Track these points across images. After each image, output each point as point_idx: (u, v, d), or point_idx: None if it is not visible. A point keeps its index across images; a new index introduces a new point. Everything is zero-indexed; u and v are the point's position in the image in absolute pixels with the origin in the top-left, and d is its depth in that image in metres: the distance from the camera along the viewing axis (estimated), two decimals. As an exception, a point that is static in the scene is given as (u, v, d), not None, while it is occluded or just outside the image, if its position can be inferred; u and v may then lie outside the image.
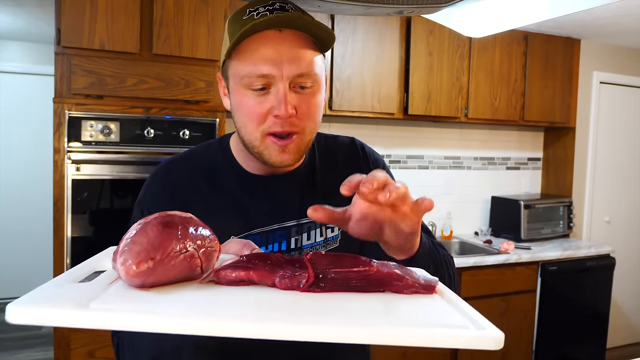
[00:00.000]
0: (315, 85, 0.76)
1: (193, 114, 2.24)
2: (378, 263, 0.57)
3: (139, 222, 0.53)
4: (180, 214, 0.55)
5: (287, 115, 0.72)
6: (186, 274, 0.52)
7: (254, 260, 0.55)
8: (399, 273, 0.56)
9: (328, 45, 0.77)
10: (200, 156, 0.88)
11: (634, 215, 3.86)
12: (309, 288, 0.53)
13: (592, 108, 3.59)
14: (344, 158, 0.92)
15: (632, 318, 3.83)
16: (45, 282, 0.49)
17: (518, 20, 0.93)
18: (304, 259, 0.56)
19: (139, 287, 0.49)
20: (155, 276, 0.49)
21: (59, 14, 2.03)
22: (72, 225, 2.07)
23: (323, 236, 0.85)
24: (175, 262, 0.50)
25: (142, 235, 0.50)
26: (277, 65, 0.71)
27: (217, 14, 2.27)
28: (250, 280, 0.54)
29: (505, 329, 2.44)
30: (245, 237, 0.81)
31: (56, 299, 0.44)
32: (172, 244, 0.50)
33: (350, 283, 0.54)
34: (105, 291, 0.48)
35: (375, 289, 0.55)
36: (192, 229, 0.53)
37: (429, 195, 0.60)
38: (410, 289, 0.55)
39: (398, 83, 2.82)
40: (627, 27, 3.13)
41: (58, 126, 2.04)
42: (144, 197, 0.85)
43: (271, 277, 0.53)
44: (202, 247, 0.53)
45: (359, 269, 0.55)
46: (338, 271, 0.54)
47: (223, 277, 0.53)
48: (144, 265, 0.48)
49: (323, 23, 0.74)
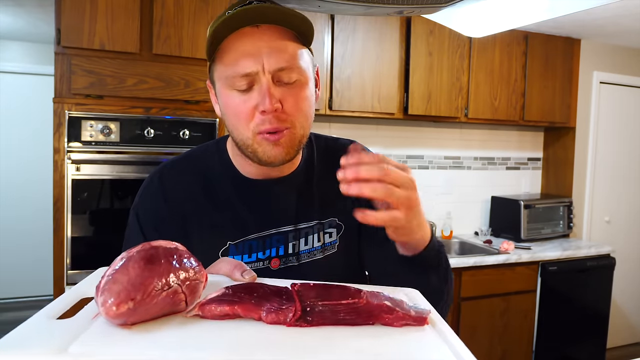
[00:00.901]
0: (301, 78, 0.74)
1: (193, 114, 2.24)
2: (368, 293, 0.55)
3: (122, 255, 0.52)
4: (165, 245, 0.54)
5: (272, 110, 0.71)
6: (170, 309, 0.51)
7: (239, 294, 0.53)
8: (389, 305, 0.54)
9: (309, 37, 0.76)
10: (197, 160, 0.87)
11: (634, 215, 3.86)
12: (295, 322, 0.51)
13: (592, 108, 3.59)
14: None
15: (632, 318, 3.83)
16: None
17: (518, 20, 0.93)
18: (292, 291, 0.54)
19: (121, 326, 0.48)
20: (136, 316, 0.48)
21: (59, 14, 2.03)
22: (72, 225, 2.07)
23: (321, 241, 0.84)
24: (157, 300, 0.49)
25: (122, 272, 0.49)
26: (256, 59, 0.71)
27: (217, 14, 2.26)
28: (235, 315, 0.52)
29: (505, 329, 2.45)
30: (242, 242, 0.80)
31: (34, 342, 0.43)
32: (153, 281, 0.49)
33: (339, 316, 0.53)
34: (87, 329, 0.47)
35: (365, 321, 0.53)
36: (176, 261, 0.52)
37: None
38: (400, 322, 0.53)
39: (398, 83, 2.82)
40: (627, 27, 3.13)
41: (58, 126, 2.04)
42: (138, 202, 0.84)
43: (257, 311, 0.52)
44: (186, 280, 0.52)
45: (348, 301, 0.53)
46: (326, 304, 0.53)
47: (208, 311, 0.52)
48: (124, 307, 0.47)
49: (301, 14, 0.72)
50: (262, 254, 0.81)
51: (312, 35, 0.76)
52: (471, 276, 2.70)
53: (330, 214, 0.86)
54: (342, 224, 0.87)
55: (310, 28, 0.74)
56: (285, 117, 0.73)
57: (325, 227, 0.85)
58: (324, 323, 0.52)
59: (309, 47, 0.79)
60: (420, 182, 3.17)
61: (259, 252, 0.80)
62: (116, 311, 0.47)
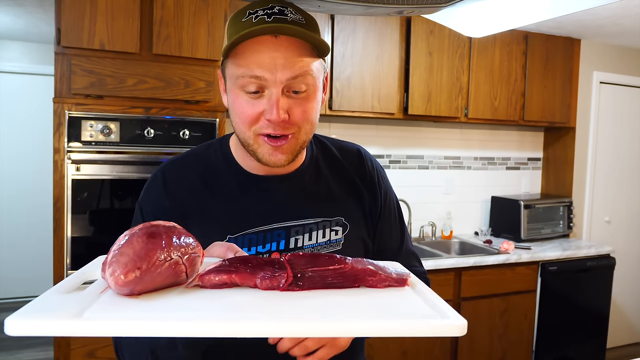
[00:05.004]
0: (310, 89, 0.76)
1: (193, 114, 2.24)
2: (352, 260, 0.60)
3: (125, 233, 0.55)
4: (164, 224, 0.58)
5: (279, 120, 0.73)
6: (172, 280, 0.55)
7: (235, 264, 0.58)
8: (372, 269, 0.59)
9: (325, 52, 0.78)
10: (200, 156, 0.88)
11: (634, 215, 3.86)
12: (288, 287, 0.56)
13: (592, 108, 3.59)
14: (350, 165, 0.93)
15: (632, 318, 3.83)
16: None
17: (518, 20, 0.93)
18: (283, 260, 0.59)
19: (128, 295, 0.52)
20: (142, 284, 0.52)
21: (59, 14, 2.03)
22: (72, 225, 2.07)
23: (326, 237, 0.85)
24: (161, 269, 0.53)
25: (128, 246, 0.53)
26: (270, 70, 0.72)
27: (217, 14, 2.27)
28: (233, 283, 0.56)
29: (505, 329, 2.45)
30: (242, 236, 0.81)
31: (52, 310, 0.46)
32: (157, 253, 0.53)
33: (327, 280, 0.57)
34: (96, 300, 0.51)
35: (351, 284, 0.58)
36: (176, 237, 0.56)
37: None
38: (383, 283, 0.59)
39: (398, 83, 2.82)
40: (627, 27, 3.13)
41: (58, 126, 2.04)
42: (142, 196, 0.87)
43: (252, 278, 0.56)
44: (185, 254, 0.56)
45: (335, 267, 0.58)
46: (315, 270, 0.58)
47: (207, 281, 0.56)
48: (132, 275, 0.50)
49: (317, 35, 0.74)
50: (262, 247, 0.82)
51: (327, 50, 0.77)
52: (471, 276, 2.71)
53: (338, 213, 0.88)
54: (348, 224, 0.88)
55: (326, 47, 0.76)
56: (290, 126, 0.75)
57: (332, 224, 0.87)
58: (314, 287, 0.57)
59: (322, 58, 0.80)
60: (420, 182, 3.15)
61: (259, 245, 0.82)
62: (124, 279, 0.50)
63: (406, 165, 3.24)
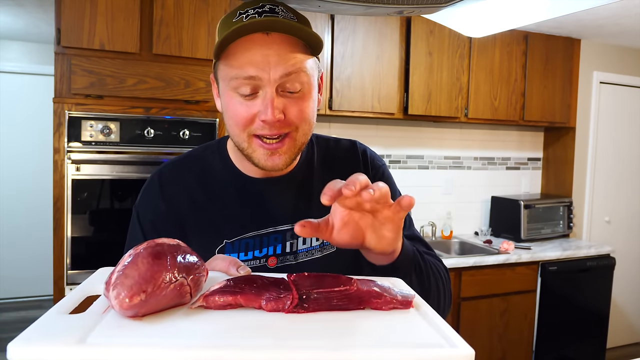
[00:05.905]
0: (305, 88, 0.74)
1: (193, 114, 2.24)
2: (358, 281, 0.60)
3: (129, 252, 0.54)
4: (169, 242, 0.57)
5: (274, 120, 0.71)
6: (177, 300, 0.55)
7: (240, 285, 0.57)
8: (378, 291, 0.59)
9: (318, 48, 0.76)
10: (198, 159, 0.87)
11: (634, 215, 3.86)
12: (293, 309, 0.56)
13: (592, 108, 3.59)
14: (344, 162, 0.91)
15: (632, 318, 3.83)
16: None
17: (518, 20, 0.93)
18: (288, 281, 0.59)
19: (132, 317, 0.51)
20: (147, 307, 0.51)
21: (59, 14, 2.03)
22: (72, 225, 2.07)
23: (319, 240, 0.84)
24: (166, 292, 0.52)
25: (133, 268, 0.52)
26: (263, 68, 0.70)
27: (217, 14, 2.27)
28: (237, 304, 0.56)
29: (505, 329, 2.45)
30: (239, 240, 0.80)
31: (55, 335, 0.46)
32: (162, 275, 0.52)
33: (332, 302, 0.57)
34: (99, 322, 0.50)
35: (356, 306, 0.58)
36: (180, 257, 0.56)
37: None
38: (388, 306, 0.58)
39: (398, 83, 2.82)
40: (627, 27, 3.13)
41: (58, 126, 2.04)
42: (139, 201, 0.85)
43: (257, 300, 0.56)
44: (190, 274, 0.56)
45: (340, 288, 0.58)
46: (320, 291, 0.58)
47: (212, 302, 0.56)
48: (137, 299, 0.50)
49: (310, 29, 0.73)
50: (259, 252, 0.81)
51: (320, 47, 0.76)
52: (471, 276, 2.71)
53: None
54: None
55: (319, 41, 0.74)
56: (286, 126, 0.74)
57: None
58: (319, 309, 0.57)
59: (316, 56, 0.79)
60: (420, 182, 3.14)
61: (256, 250, 0.81)
62: (129, 303, 0.50)
63: (406, 165, 3.24)
